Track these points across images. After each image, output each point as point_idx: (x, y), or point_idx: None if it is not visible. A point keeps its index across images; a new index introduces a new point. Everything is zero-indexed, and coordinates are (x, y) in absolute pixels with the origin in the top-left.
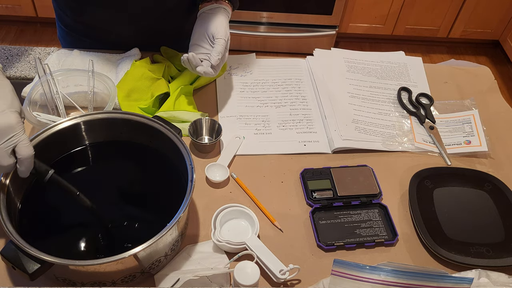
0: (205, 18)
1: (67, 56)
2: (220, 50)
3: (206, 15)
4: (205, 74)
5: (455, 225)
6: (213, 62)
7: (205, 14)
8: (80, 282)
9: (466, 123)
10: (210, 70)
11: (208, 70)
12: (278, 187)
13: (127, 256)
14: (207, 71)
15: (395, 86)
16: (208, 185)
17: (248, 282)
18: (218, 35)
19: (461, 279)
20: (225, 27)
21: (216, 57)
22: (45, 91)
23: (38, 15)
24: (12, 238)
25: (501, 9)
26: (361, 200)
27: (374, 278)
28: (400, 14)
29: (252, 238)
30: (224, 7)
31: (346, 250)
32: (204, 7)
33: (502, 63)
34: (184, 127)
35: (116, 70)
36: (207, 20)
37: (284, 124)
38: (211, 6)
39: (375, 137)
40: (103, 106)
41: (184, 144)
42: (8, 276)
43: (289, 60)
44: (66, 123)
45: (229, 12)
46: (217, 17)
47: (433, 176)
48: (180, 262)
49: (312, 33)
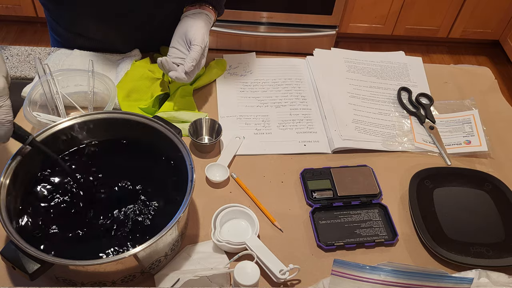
0: (186, 22)
1: (67, 56)
2: (195, 56)
3: (188, 19)
4: (177, 79)
5: (455, 225)
6: (187, 68)
7: (187, 18)
8: (80, 282)
9: (466, 123)
10: (183, 76)
11: (181, 75)
12: (278, 187)
13: (127, 256)
14: (179, 76)
15: (395, 86)
16: (208, 185)
17: (248, 282)
18: (195, 41)
19: (461, 279)
20: (203, 33)
21: (190, 63)
22: (45, 91)
23: (38, 15)
24: (12, 238)
25: (501, 9)
26: (361, 200)
27: (374, 278)
28: (400, 14)
29: (252, 238)
30: (207, 13)
31: (346, 250)
32: (187, 11)
33: (502, 63)
34: (184, 127)
35: (116, 70)
36: (187, 24)
37: (284, 124)
38: (194, 11)
39: (375, 137)
40: (103, 106)
41: (184, 144)
42: (8, 276)
43: (289, 60)
44: (66, 123)
45: (211, 19)
46: (197, 23)
47: (433, 176)
48: (180, 262)
49: (312, 33)
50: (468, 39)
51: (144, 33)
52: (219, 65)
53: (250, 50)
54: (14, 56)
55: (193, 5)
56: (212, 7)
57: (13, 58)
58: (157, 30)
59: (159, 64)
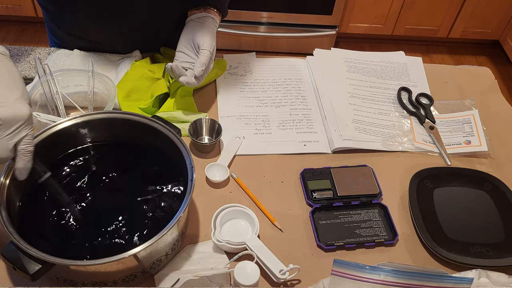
0: (193, 26)
1: (67, 56)
2: (204, 61)
3: (194, 23)
4: (188, 84)
5: (455, 225)
6: (197, 73)
7: (193, 22)
8: (81, 282)
9: (466, 123)
10: (193, 80)
11: (191, 80)
12: (278, 187)
13: (127, 256)
14: (190, 81)
15: (395, 86)
16: (208, 185)
17: (248, 282)
18: (204, 46)
19: (461, 279)
20: (211, 37)
21: (200, 68)
22: (45, 91)
23: (38, 15)
24: (12, 238)
25: (501, 9)
26: (361, 200)
27: (374, 278)
28: (400, 14)
29: (252, 238)
30: (212, 16)
31: (346, 250)
32: (192, 15)
33: (502, 63)
34: (184, 127)
35: (116, 70)
36: (194, 28)
37: (284, 124)
38: (199, 15)
39: (375, 137)
40: (103, 106)
41: (184, 144)
42: (8, 276)
43: (289, 60)
44: (66, 123)
45: (216, 22)
46: (204, 27)
47: (433, 176)
48: (180, 262)
49: (312, 33)
50: (468, 39)
51: (144, 35)
52: (219, 65)
53: (250, 50)
54: (14, 56)
55: (197, 9)
56: (217, 10)
57: (13, 58)
58: (158, 31)
59: (168, 70)
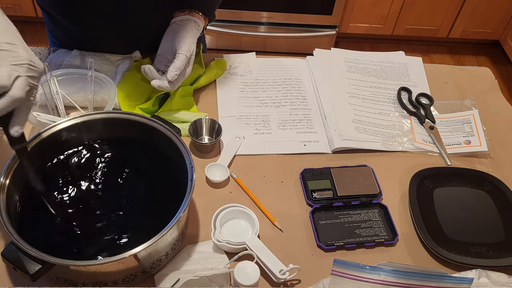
0: (174, 29)
1: (67, 56)
2: (178, 65)
3: (176, 26)
4: (160, 88)
5: (455, 225)
6: (169, 77)
7: (175, 25)
8: (81, 282)
9: (466, 123)
10: (166, 84)
11: (163, 84)
12: (278, 187)
13: (127, 256)
14: (162, 85)
15: (395, 86)
16: (208, 185)
17: (248, 282)
18: (180, 50)
19: (461, 279)
20: (189, 42)
21: (173, 72)
22: (45, 91)
23: (38, 15)
24: (12, 239)
25: (501, 9)
26: (361, 200)
27: (374, 278)
28: (400, 14)
29: (252, 238)
30: (196, 19)
31: (346, 250)
32: (176, 17)
33: (502, 63)
34: (184, 127)
35: (116, 70)
36: (174, 32)
37: (284, 124)
38: (182, 17)
39: (375, 137)
40: (103, 106)
41: (184, 144)
42: (8, 276)
43: (289, 60)
44: (66, 123)
45: (199, 26)
46: (185, 31)
47: (433, 176)
48: (180, 262)
49: (312, 33)
50: (468, 39)
51: (144, 35)
52: (219, 65)
53: (250, 50)
54: None
55: (182, 11)
56: (202, 14)
57: None
58: (158, 32)
59: (143, 71)
